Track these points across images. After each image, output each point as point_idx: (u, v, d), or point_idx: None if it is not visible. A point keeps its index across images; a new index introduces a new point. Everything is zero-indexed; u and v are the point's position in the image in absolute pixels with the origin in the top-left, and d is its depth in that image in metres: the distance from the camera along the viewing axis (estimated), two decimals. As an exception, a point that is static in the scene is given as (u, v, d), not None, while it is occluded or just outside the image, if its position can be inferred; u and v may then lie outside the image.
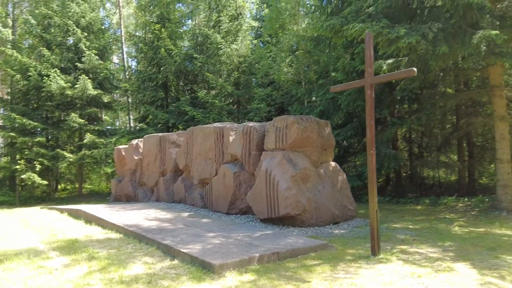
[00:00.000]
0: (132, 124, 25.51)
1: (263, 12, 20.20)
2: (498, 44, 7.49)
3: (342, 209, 8.00)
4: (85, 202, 16.27)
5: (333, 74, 13.28)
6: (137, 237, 6.87)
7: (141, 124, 19.54)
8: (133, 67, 22.34)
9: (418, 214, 9.18)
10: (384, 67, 8.98)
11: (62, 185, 22.84)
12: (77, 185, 21.28)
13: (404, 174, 13.29)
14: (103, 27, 20.15)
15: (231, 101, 17.59)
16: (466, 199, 10.47)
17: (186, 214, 9.26)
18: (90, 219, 9.29)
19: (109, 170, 23.02)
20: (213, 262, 4.84)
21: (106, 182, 23.51)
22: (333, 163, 8.50)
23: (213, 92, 17.74)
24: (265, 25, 17.76)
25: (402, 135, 13.62)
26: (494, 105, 9.15)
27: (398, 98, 10.93)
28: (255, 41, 18.19)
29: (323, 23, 8.79)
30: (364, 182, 11.81)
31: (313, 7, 13.56)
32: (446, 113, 12.72)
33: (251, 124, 9.11)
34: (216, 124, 10.65)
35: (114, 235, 7.35)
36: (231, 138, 9.72)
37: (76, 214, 10.31)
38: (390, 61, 9.06)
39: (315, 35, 13.52)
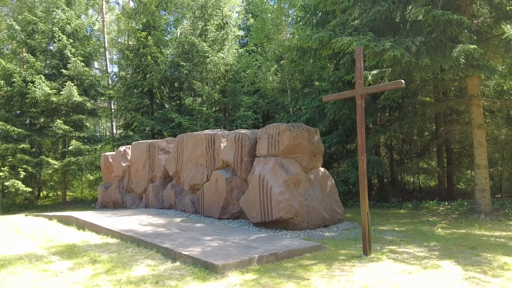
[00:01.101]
0: (115, 131, 25.43)
1: (248, 21, 20.62)
2: (475, 57, 8.02)
3: (331, 212, 8.35)
4: (70, 209, 16.16)
5: (317, 83, 13.74)
6: (134, 241, 7.02)
7: (126, 131, 19.59)
8: (112, 74, 22.32)
9: (402, 217, 9.62)
10: (369, 78, 9.44)
11: (44, 192, 22.52)
12: (59, 192, 21.05)
13: (385, 180, 13.80)
14: (88, 34, 20.13)
15: (217, 108, 17.84)
16: (446, 203, 10.99)
17: (178, 219, 9.43)
18: (82, 225, 9.35)
19: (91, 178, 22.93)
20: (216, 263, 5.07)
21: (89, 189, 23.31)
22: (322, 169, 8.86)
23: (199, 99, 17.97)
24: (251, 35, 18.17)
25: (383, 142, 14.15)
26: (472, 114, 9.71)
27: (380, 106, 11.42)
28: (241, 50, 18.54)
29: (311, 35, 9.19)
30: (349, 188, 12.25)
31: (298, 18, 14.04)
32: (426, 121, 13.32)
33: (243, 131, 9.40)
34: (207, 131, 10.89)
35: (111, 240, 7.47)
36: (222, 145, 9.98)
37: (67, 221, 10.33)
38: (374, 72, 9.53)
39: (301, 46, 13.98)
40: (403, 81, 5.50)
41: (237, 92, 17.09)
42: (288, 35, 16.76)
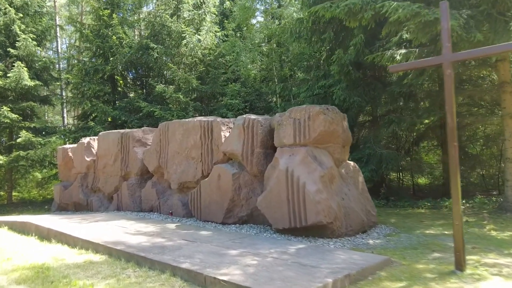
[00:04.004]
0: (66, 121, 22.60)
1: (225, 4, 18.79)
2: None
3: (367, 214, 6.94)
4: (19, 212, 13.59)
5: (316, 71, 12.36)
6: (131, 258, 5.18)
7: (85, 122, 17.12)
8: (67, 55, 19.52)
9: (432, 218, 8.43)
10: (398, 57, 8.16)
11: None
12: (2, 193, 18.06)
13: (387, 176, 12.70)
14: (40, 10, 17.34)
15: (194, 96, 15.92)
16: (464, 201, 10.01)
17: (173, 225, 7.60)
18: (46, 235, 7.26)
19: (39, 176, 20.05)
20: (283, 295, 3.45)
21: (38, 189, 20.37)
22: (351, 162, 7.44)
23: (172, 87, 15.90)
24: (235, 14, 16.39)
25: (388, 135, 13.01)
26: (504, 102, 8.72)
27: (397, 92, 10.23)
28: (219, 33, 16.71)
29: (338, 3, 7.72)
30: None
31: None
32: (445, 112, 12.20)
33: (253, 116, 7.74)
34: (200, 118, 9.10)
35: (94, 256, 5.55)
36: (223, 134, 8.26)
37: (22, 228, 8.13)
38: (403, 51, 8.27)
39: (295, 28, 12.52)
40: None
41: (218, 79, 15.28)
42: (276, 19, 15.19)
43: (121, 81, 18.62)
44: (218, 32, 16.32)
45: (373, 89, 10.74)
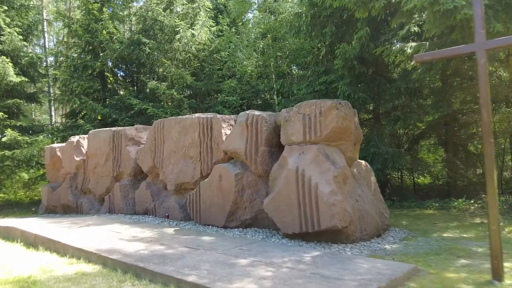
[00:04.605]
0: (54, 120, 21.81)
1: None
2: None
3: (380, 217, 6.50)
4: (3, 215, 12.90)
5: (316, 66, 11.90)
6: (129, 269, 4.65)
7: (74, 120, 16.43)
8: (55, 51, 18.70)
9: (445, 219, 8.03)
10: (408, 51, 7.77)
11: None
12: (-15, 194, 17.30)
13: (388, 176, 12.30)
14: (26, 3, 16.58)
15: (189, 93, 15.33)
16: (471, 201, 9.66)
17: (171, 230, 7.07)
18: (33, 241, 6.69)
19: (26, 176, 19.28)
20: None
21: (25, 190, 19.59)
22: (363, 162, 7.00)
23: (164, 83, 15.28)
24: (230, 8, 15.83)
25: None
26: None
27: (404, 88, 9.80)
28: (213, 29, 16.14)
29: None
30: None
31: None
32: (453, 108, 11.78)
33: (257, 112, 7.25)
34: (198, 115, 8.57)
35: (86, 267, 5.01)
36: (224, 131, 7.76)
37: (6, 233, 7.54)
38: (413, 44, 7.86)
39: (294, 22, 12.08)
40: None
41: (213, 75, 14.71)
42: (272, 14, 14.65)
43: (111, 78, 17.96)
44: (213, 27, 15.76)
45: (377, 85, 10.32)
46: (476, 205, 9.41)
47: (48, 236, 6.45)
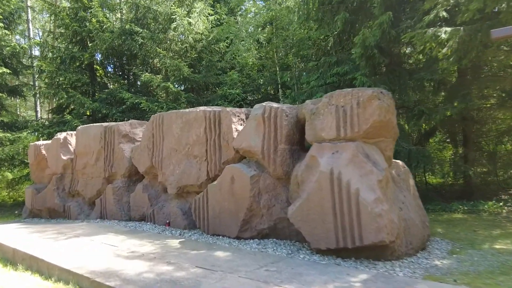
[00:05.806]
0: (40, 116, 20.52)
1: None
2: None
3: (423, 226, 5.56)
4: (-17, 219, 11.73)
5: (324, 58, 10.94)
6: (132, 302, 3.64)
7: (61, 115, 15.25)
8: (40, 40, 17.36)
9: (481, 225, 7.13)
10: (443, 36, 6.84)
11: None
12: (-35, 196, 16.05)
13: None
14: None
15: (186, 86, 14.25)
16: (501, 204, 8.80)
17: (175, 242, 6.05)
18: (11, 257, 5.64)
19: (10, 176, 18.02)
20: None
21: (8, 190, 18.30)
22: (400, 162, 6.06)
23: (159, 76, 14.17)
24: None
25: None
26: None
27: (428, 80, 8.89)
28: (212, 18, 15.05)
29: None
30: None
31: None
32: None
33: (275, 105, 6.24)
34: (203, 108, 7.54)
35: (77, 296, 3.98)
36: (234, 127, 6.75)
37: (-19, 248, 6.43)
38: (448, 28, 6.95)
39: (302, 9, 11.12)
40: None
41: (212, 67, 13.66)
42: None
43: (100, 71, 16.79)
44: (211, 15, 14.69)
45: (397, 76, 9.39)
46: (507, 208, 8.55)
47: (30, 252, 5.39)
